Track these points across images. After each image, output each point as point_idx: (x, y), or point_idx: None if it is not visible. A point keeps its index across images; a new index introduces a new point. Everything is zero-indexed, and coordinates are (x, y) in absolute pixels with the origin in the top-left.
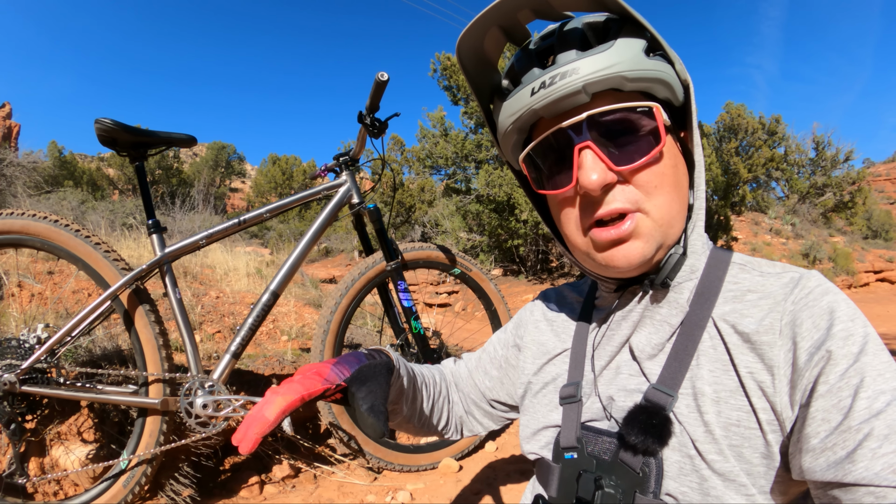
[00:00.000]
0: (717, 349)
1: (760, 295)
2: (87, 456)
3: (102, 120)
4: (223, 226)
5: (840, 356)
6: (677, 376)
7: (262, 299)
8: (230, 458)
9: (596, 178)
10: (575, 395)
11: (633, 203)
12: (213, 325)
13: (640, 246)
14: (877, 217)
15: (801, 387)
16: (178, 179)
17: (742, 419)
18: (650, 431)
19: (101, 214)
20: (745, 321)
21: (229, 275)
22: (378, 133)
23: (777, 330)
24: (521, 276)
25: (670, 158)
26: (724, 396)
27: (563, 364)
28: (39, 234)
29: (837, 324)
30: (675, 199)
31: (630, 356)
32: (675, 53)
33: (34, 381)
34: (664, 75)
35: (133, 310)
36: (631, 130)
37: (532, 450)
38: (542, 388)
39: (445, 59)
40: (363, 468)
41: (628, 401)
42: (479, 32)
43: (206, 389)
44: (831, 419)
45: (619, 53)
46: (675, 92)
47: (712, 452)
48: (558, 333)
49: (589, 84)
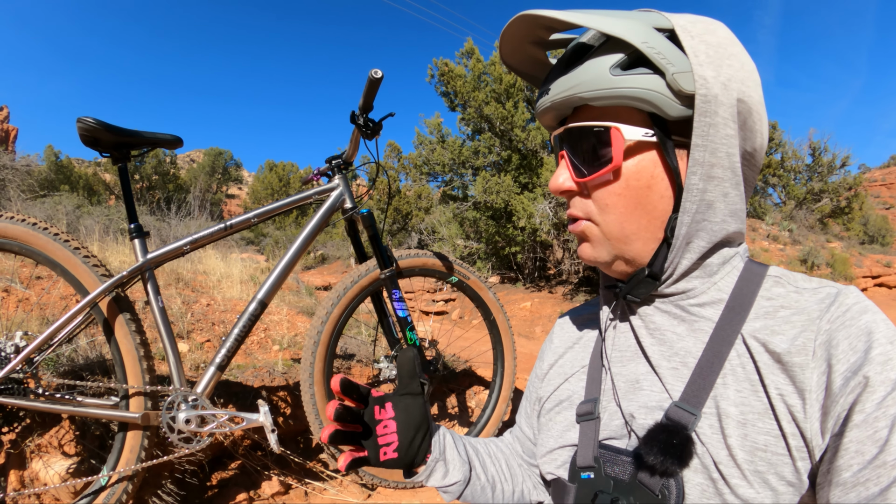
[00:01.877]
0: (746, 368)
1: (794, 311)
2: (67, 470)
3: (84, 119)
4: (208, 231)
5: (878, 382)
6: (701, 394)
7: (249, 309)
8: (217, 473)
9: (560, 181)
10: (592, 412)
11: (585, 213)
12: (203, 334)
13: (589, 248)
14: (873, 222)
15: (834, 414)
16: (174, 185)
17: (770, 444)
18: (669, 452)
19: (96, 219)
20: (776, 339)
21: (223, 281)
22: (372, 134)
23: (811, 350)
24: (518, 284)
25: (637, 180)
26: (751, 419)
27: (580, 381)
28: (17, 237)
29: (876, 347)
30: (630, 220)
31: (649, 368)
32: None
33: (10, 391)
34: (632, 91)
35: (113, 318)
36: (595, 147)
37: (549, 469)
38: (557, 406)
39: (443, 65)
40: (356, 485)
41: (649, 418)
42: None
43: (189, 404)
44: (866, 452)
45: (580, 74)
46: (658, 105)
47: (735, 477)
48: (576, 352)
49: (555, 104)
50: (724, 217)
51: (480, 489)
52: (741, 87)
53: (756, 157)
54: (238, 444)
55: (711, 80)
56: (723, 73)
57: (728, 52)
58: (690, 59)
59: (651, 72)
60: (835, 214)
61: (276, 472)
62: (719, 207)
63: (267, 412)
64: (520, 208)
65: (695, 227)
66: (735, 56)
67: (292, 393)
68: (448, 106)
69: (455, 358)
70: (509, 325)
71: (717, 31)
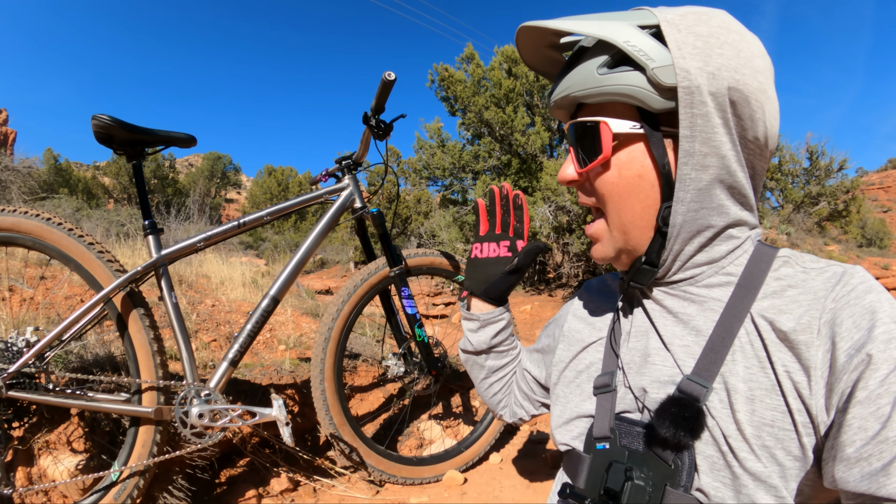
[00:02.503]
0: (755, 345)
1: (801, 291)
2: (76, 466)
3: (100, 116)
4: (222, 228)
5: (881, 360)
6: (712, 368)
7: (262, 305)
8: (226, 470)
9: (565, 172)
10: (609, 384)
11: (590, 200)
12: (209, 334)
13: (599, 246)
14: (871, 225)
15: (838, 391)
16: (173, 189)
17: (777, 419)
18: (682, 424)
19: (95, 222)
20: (783, 318)
21: (225, 284)
22: (383, 135)
23: (816, 329)
24: (518, 287)
25: (628, 169)
26: (758, 395)
27: (598, 353)
28: (31, 232)
29: (879, 325)
30: (625, 208)
31: (661, 344)
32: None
33: (21, 386)
34: (616, 88)
35: (127, 314)
36: (590, 139)
37: (564, 440)
38: (576, 377)
39: (443, 70)
40: (365, 481)
41: (661, 392)
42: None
43: (202, 398)
44: (868, 428)
45: (574, 76)
46: (642, 99)
47: (744, 451)
48: (594, 322)
49: (556, 102)
50: (724, 203)
51: (479, 367)
52: (734, 75)
53: (761, 145)
54: (247, 441)
55: (695, 72)
56: (711, 63)
57: (721, 41)
58: (672, 52)
59: (633, 69)
60: (832, 217)
61: (284, 469)
62: (717, 194)
63: (281, 405)
64: None
65: (692, 217)
66: (729, 44)
67: (300, 391)
68: (448, 111)
69: (458, 360)
70: (514, 325)
71: (711, 21)
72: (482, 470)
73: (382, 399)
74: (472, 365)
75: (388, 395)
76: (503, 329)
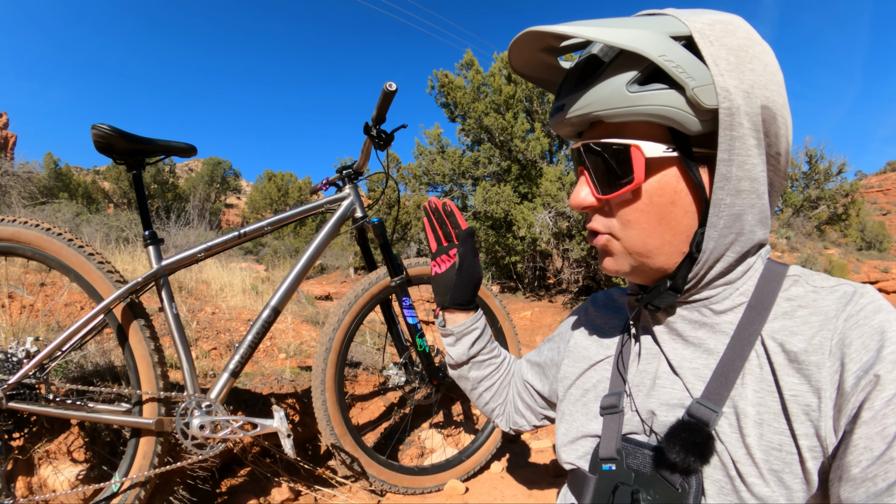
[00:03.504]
0: (763, 369)
1: (812, 311)
2: (76, 476)
3: (99, 126)
4: (222, 238)
5: (888, 381)
6: (722, 392)
7: (263, 315)
8: (227, 480)
9: (581, 197)
10: (617, 405)
11: (606, 228)
12: (209, 342)
13: (612, 261)
14: (870, 228)
15: (846, 412)
16: (173, 194)
17: (784, 444)
18: (692, 450)
19: (95, 227)
20: (793, 339)
21: (224, 290)
22: (384, 145)
23: (827, 350)
24: (518, 293)
25: (660, 196)
26: (767, 419)
27: (605, 371)
28: (31, 242)
29: (888, 346)
30: (653, 236)
31: (669, 369)
32: (688, 77)
33: (22, 397)
34: (651, 109)
35: (127, 324)
36: (615, 163)
37: (569, 459)
38: (583, 396)
39: (443, 76)
40: (366, 491)
41: (670, 416)
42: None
43: (203, 409)
44: (874, 448)
45: (596, 92)
46: (678, 121)
47: (752, 475)
48: (601, 339)
49: (570, 120)
50: (753, 227)
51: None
52: (764, 92)
53: (781, 161)
54: (248, 450)
55: (734, 91)
56: (745, 80)
57: (750, 55)
58: (711, 69)
59: (669, 87)
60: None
61: (285, 479)
62: (748, 219)
63: (282, 417)
64: (520, 218)
65: (723, 242)
66: (757, 58)
67: (301, 400)
68: (448, 117)
69: None
70: (515, 332)
71: (737, 31)
72: (483, 479)
73: (383, 408)
74: (459, 378)
75: (389, 404)
76: (478, 338)
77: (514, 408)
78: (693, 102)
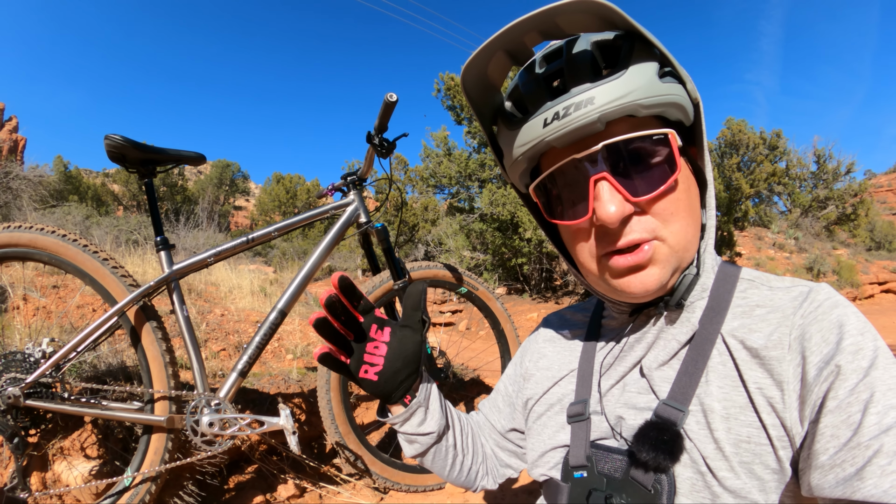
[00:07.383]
0: (727, 365)
1: (769, 309)
2: (90, 472)
3: (112, 136)
4: (231, 244)
5: (849, 371)
6: (687, 392)
7: (270, 318)
8: (235, 476)
9: (614, 210)
10: (583, 413)
11: (650, 232)
12: (218, 343)
13: (657, 272)
14: (880, 228)
15: (810, 402)
16: (182, 197)
17: (752, 435)
18: (661, 448)
19: (105, 230)
20: (753, 336)
21: (233, 292)
22: (386, 153)
23: (786, 344)
24: (524, 295)
25: (684, 182)
26: (733, 413)
27: (570, 384)
28: (47, 248)
29: (847, 338)
30: (690, 224)
31: (639, 374)
32: (685, 72)
33: (38, 395)
34: (678, 98)
35: (140, 326)
36: (647, 158)
37: (541, 472)
38: (548, 410)
39: (449, 80)
40: (369, 488)
41: (638, 418)
42: (485, 58)
43: (212, 408)
44: (840, 435)
45: (634, 80)
46: (687, 112)
47: (723, 469)
48: (563, 356)
49: (606, 114)
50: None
51: (444, 451)
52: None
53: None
54: (255, 448)
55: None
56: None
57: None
58: (679, 72)
59: (677, 81)
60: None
61: (291, 476)
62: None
63: (288, 415)
64: (526, 220)
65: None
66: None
67: (307, 400)
68: (454, 119)
69: (464, 367)
70: (517, 334)
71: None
72: None
73: None
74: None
75: None
76: (422, 421)
77: (496, 462)
78: (691, 95)
